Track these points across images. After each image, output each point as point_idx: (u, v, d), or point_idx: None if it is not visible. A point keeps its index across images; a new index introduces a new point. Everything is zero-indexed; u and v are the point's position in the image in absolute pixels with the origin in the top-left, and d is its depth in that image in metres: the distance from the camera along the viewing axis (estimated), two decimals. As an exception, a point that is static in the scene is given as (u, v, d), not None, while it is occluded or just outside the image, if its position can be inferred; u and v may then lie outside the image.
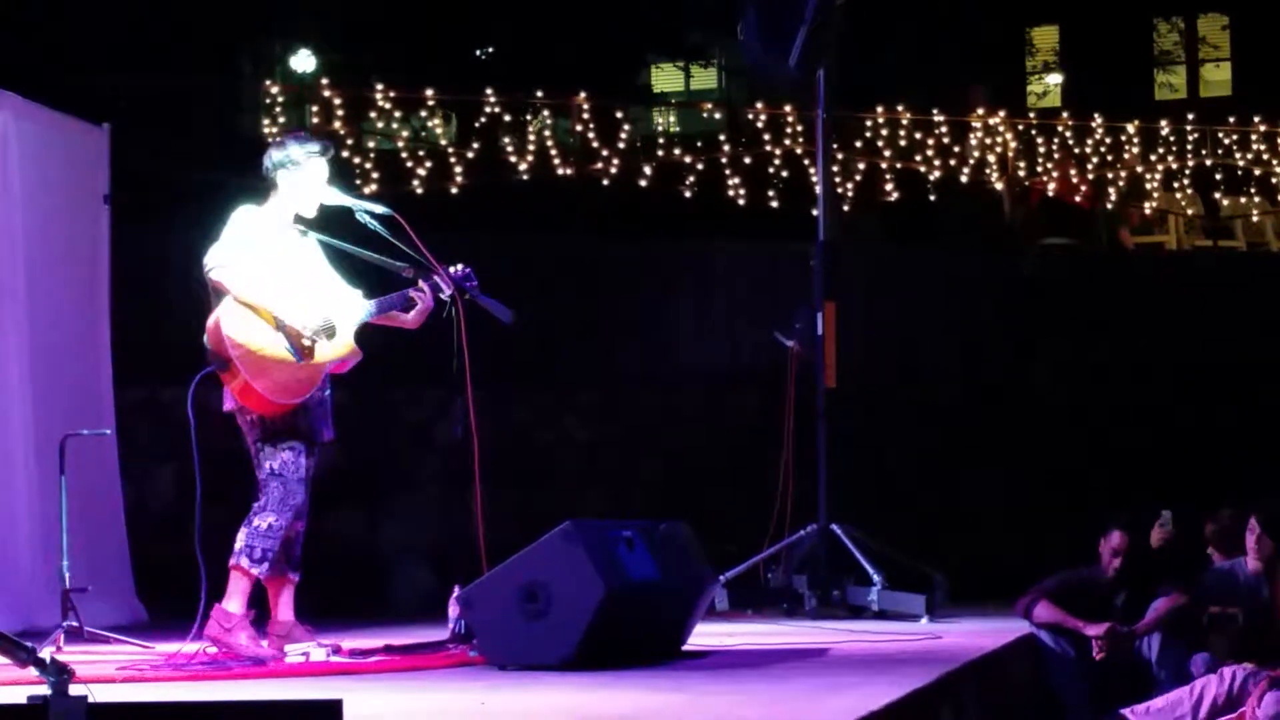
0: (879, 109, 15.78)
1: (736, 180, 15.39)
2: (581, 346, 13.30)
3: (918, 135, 15.90)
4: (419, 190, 14.67)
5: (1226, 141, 17.13)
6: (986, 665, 7.73)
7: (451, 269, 7.90)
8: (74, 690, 4.40)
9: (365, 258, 7.84)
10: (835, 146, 13.39)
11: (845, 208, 15.04)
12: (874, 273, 13.76)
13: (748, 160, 15.54)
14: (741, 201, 15.36)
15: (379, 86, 14.86)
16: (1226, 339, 14.14)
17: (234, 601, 7.44)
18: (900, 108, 15.85)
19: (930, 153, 15.86)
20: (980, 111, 16.32)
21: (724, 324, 13.65)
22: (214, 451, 7.69)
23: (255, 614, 7.55)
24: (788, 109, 15.48)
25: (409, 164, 14.87)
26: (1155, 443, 13.58)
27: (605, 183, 15.08)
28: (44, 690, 4.37)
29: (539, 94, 15.58)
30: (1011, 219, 16.36)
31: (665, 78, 27.23)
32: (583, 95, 15.20)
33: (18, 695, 4.48)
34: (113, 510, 10.63)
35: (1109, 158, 16.70)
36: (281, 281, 7.55)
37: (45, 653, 4.78)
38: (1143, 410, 13.78)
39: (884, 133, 15.73)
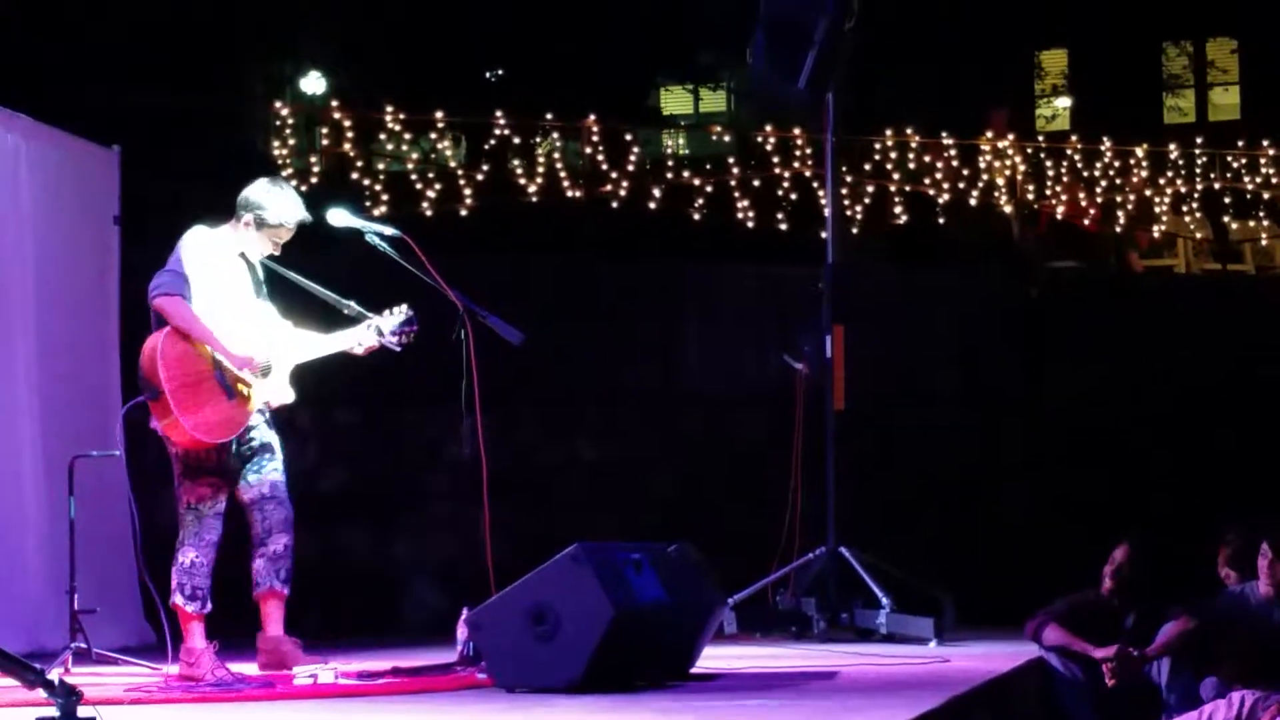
0: (888, 132, 15.80)
1: (745, 203, 15.40)
2: (590, 367, 13.31)
3: (927, 158, 15.90)
4: (428, 212, 14.69)
5: (1235, 165, 17.13)
6: (995, 689, 7.71)
7: (391, 311, 7.93)
8: (82, 712, 4.41)
9: (312, 291, 7.87)
10: (844, 169, 13.41)
11: (854, 230, 15.05)
12: (882, 295, 13.76)
13: (756, 183, 15.55)
14: (750, 224, 15.36)
15: (388, 108, 14.87)
16: (1235, 362, 14.14)
17: (190, 638, 7.57)
18: (909, 130, 15.86)
19: (939, 175, 15.87)
20: (990, 134, 16.33)
21: (732, 345, 13.65)
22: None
23: (219, 644, 7.59)
24: (796, 132, 15.50)
25: (418, 186, 14.88)
26: (1164, 465, 13.58)
27: (614, 205, 15.09)
28: (52, 712, 4.38)
29: (548, 116, 15.60)
30: (1020, 242, 16.36)
31: (674, 100, 27.28)
32: (592, 117, 15.22)
33: (26, 717, 4.49)
34: (121, 532, 10.61)
35: (1118, 181, 16.70)
36: (222, 311, 7.55)
37: (53, 674, 4.79)
38: (1152, 432, 13.77)
39: (893, 155, 15.73)
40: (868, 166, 15.69)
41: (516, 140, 15.10)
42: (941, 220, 15.96)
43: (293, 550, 7.79)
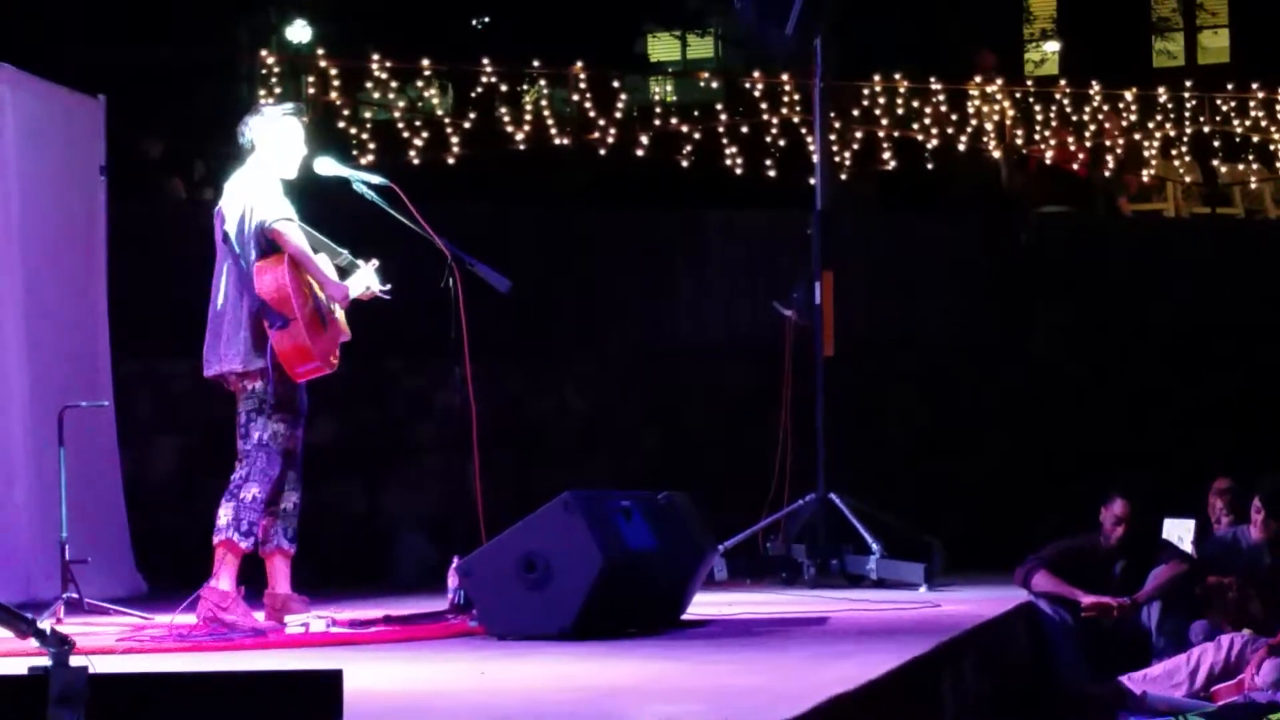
0: (876, 77, 15.75)
1: (734, 149, 15.35)
2: (579, 316, 13.29)
3: (915, 103, 15.85)
4: (415, 160, 14.64)
5: (1224, 108, 17.08)
6: (985, 633, 7.73)
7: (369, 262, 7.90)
8: (74, 661, 4.39)
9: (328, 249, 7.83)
10: (832, 115, 13.35)
11: (843, 176, 15.02)
12: (872, 241, 13.76)
13: (745, 129, 15.49)
14: (739, 171, 15.33)
15: (375, 56, 14.81)
16: (1224, 306, 14.14)
17: (225, 579, 7.44)
18: (898, 76, 15.81)
19: (928, 121, 15.82)
20: (979, 79, 16.28)
21: (722, 293, 13.64)
22: (215, 421, 7.65)
23: (245, 590, 7.56)
24: (785, 78, 15.44)
25: (405, 134, 14.82)
26: (1154, 409, 13.60)
27: (602, 152, 15.05)
28: (45, 661, 4.37)
29: (536, 63, 15.53)
30: (1009, 186, 16.33)
31: (662, 47, 27.17)
32: (579, 65, 15.16)
33: (18, 666, 4.48)
34: (111, 482, 10.63)
35: (1106, 125, 16.65)
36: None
37: (45, 624, 4.78)
38: (1141, 377, 13.79)
39: (881, 101, 15.69)
40: (856, 112, 15.64)
41: (503, 88, 15.05)
42: (930, 166, 15.93)
43: (300, 509, 7.76)
